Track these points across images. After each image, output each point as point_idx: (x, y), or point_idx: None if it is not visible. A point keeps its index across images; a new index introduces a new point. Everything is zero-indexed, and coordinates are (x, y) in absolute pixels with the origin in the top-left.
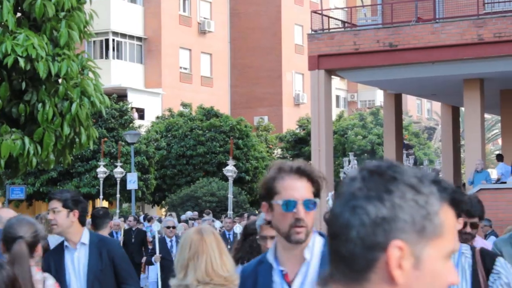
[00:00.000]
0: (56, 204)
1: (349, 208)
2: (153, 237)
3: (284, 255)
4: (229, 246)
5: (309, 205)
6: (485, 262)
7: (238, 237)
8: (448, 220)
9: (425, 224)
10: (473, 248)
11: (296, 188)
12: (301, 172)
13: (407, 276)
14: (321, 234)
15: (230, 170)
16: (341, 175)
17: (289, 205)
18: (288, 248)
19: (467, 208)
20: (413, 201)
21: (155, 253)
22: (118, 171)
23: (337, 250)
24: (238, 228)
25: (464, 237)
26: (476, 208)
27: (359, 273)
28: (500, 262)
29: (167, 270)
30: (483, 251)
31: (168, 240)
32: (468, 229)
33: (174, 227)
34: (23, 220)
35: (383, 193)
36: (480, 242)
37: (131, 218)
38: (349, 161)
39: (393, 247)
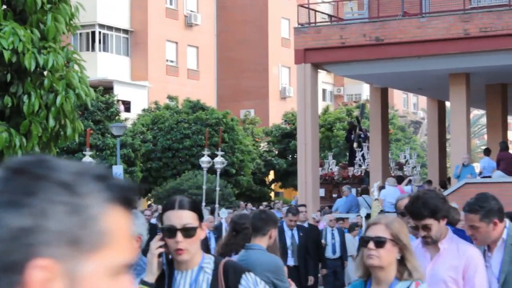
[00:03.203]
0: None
1: None
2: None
3: None
4: None
5: None
6: (228, 278)
7: None
8: (117, 225)
9: (81, 233)
10: (217, 261)
11: None
12: None
13: None
14: None
15: (204, 161)
16: None
17: None
18: None
19: (412, 209)
20: (64, 204)
21: None
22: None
23: None
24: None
25: (424, 241)
26: (424, 209)
27: None
28: (247, 280)
29: None
30: (228, 265)
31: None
32: (422, 233)
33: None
34: None
35: (24, 196)
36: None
37: (148, 212)
38: None
39: (33, 268)
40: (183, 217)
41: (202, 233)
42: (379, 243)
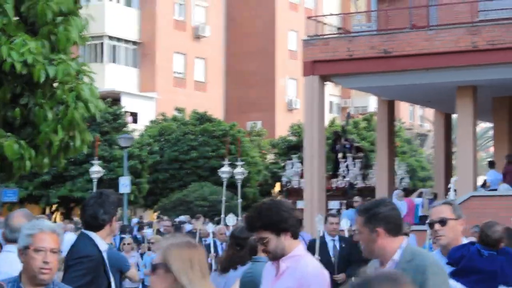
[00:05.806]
0: None
1: None
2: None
3: None
4: None
5: None
6: None
7: None
8: None
9: None
10: None
11: None
12: None
13: None
14: None
15: (225, 171)
16: (283, 179)
17: None
18: None
19: (246, 220)
20: None
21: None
22: (94, 170)
23: None
24: None
25: (268, 257)
26: (257, 220)
27: None
28: None
29: None
30: None
31: (219, 244)
32: (260, 246)
33: None
34: None
35: None
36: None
37: (167, 223)
38: (292, 164)
39: None
40: None
41: None
42: (154, 267)
